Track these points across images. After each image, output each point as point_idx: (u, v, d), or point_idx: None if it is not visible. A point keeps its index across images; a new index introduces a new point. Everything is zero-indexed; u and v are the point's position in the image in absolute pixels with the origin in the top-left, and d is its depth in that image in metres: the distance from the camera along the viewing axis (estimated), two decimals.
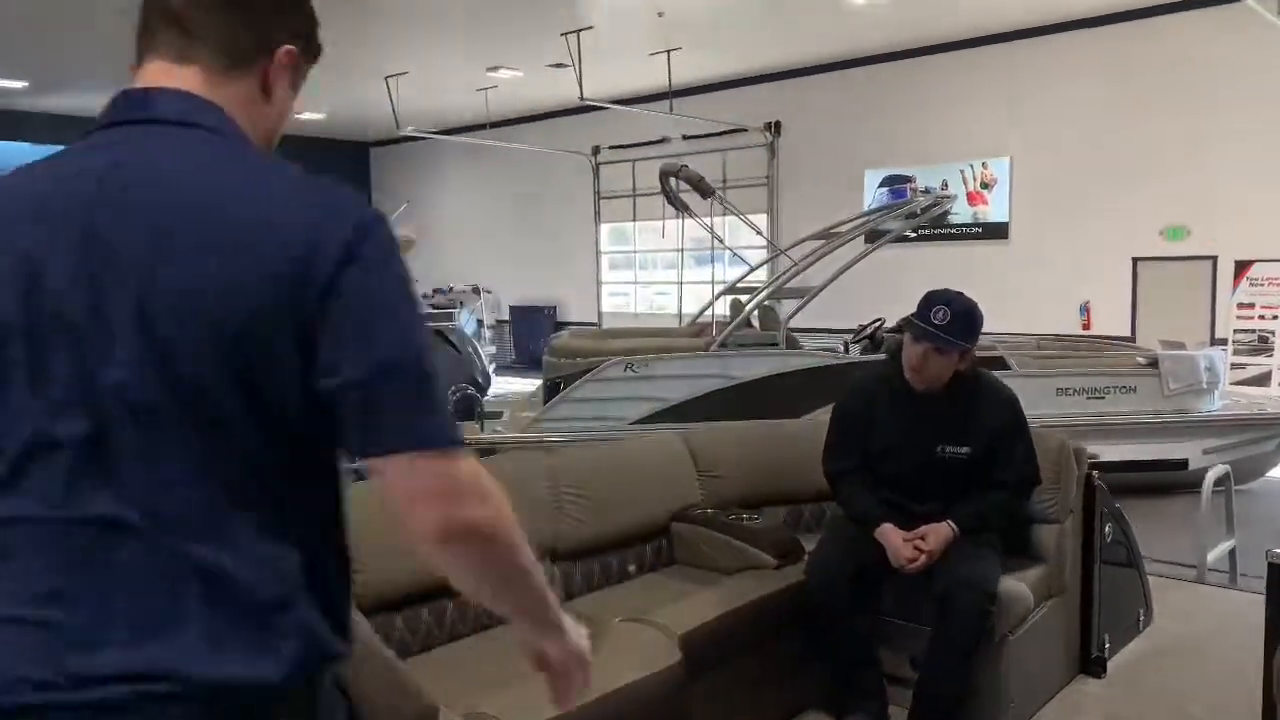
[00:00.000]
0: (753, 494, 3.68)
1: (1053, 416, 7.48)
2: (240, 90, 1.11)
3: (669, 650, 2.59)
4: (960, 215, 12.82)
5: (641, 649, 2.58)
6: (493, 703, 2.20)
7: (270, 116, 1.15)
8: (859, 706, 3.17)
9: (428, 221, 18.27)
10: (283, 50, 1.13)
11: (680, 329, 10.23)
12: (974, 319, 3.13)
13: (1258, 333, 11.47)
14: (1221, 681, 3.48)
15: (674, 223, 14.63)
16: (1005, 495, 3.17)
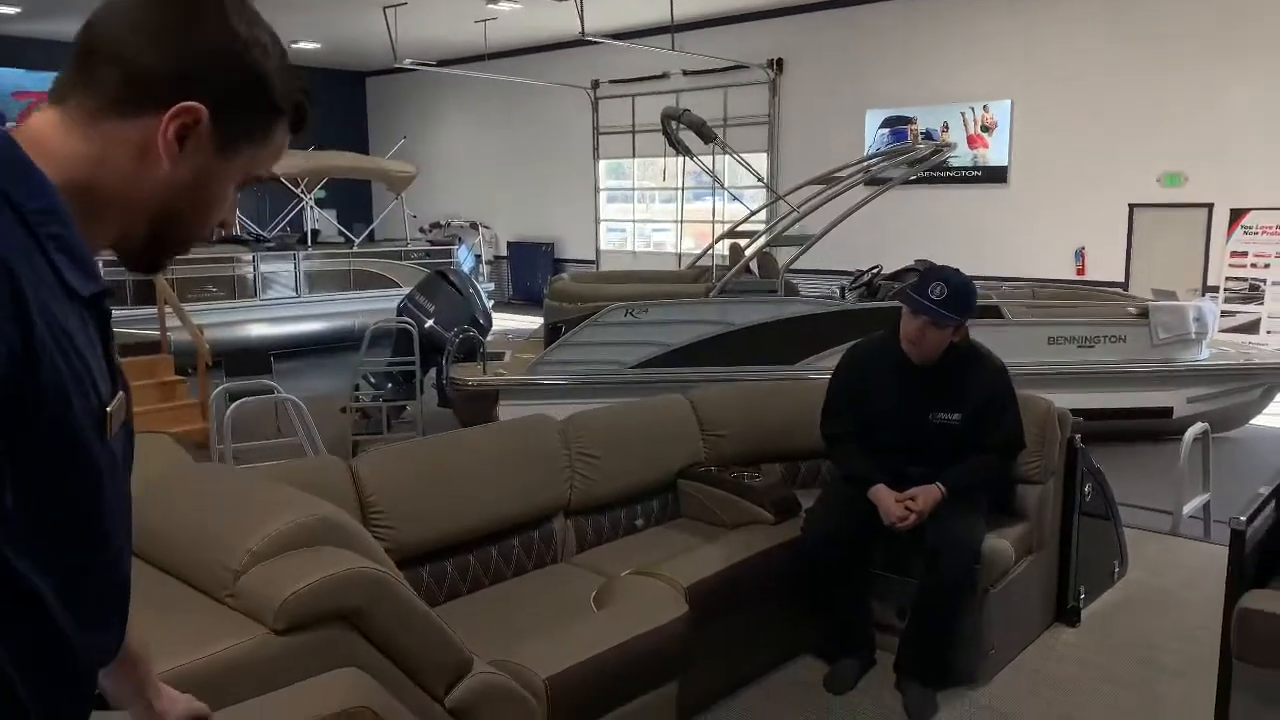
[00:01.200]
0: (753, 452, 3.87)
1: (1043, 364, 7.68)
2: (110, 139, 0.99)
3: (677, 602, 2.80)
4: (960, 158, 12.82)
5: (651, 602, 2.78)
6: (518, 651, 2.40)
7: (158, 183, 1.01)
8: (850, 652, 3.41)
9: (425, 156, 18.18)
10: (180, 107, 0.99)
11: (680, 272, 10.34)
12: (969, 295, 3.28)
13: (1249, 281, 11.61)
14: (1188, 631, 3.73)
15: (674, 162, 14.63)
16: (992, 459, 3.37)
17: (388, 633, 1.93)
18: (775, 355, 7.69)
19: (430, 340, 9.06)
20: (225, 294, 11.84)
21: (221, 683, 1.65)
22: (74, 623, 0.97)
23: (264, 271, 12.22)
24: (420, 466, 3.08)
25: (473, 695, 2.09)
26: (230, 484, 2.38)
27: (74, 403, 0.91)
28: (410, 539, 2.86)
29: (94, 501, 0.97)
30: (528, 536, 3.27)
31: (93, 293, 0.97)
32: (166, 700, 1.31)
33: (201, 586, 1.89)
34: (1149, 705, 3.23)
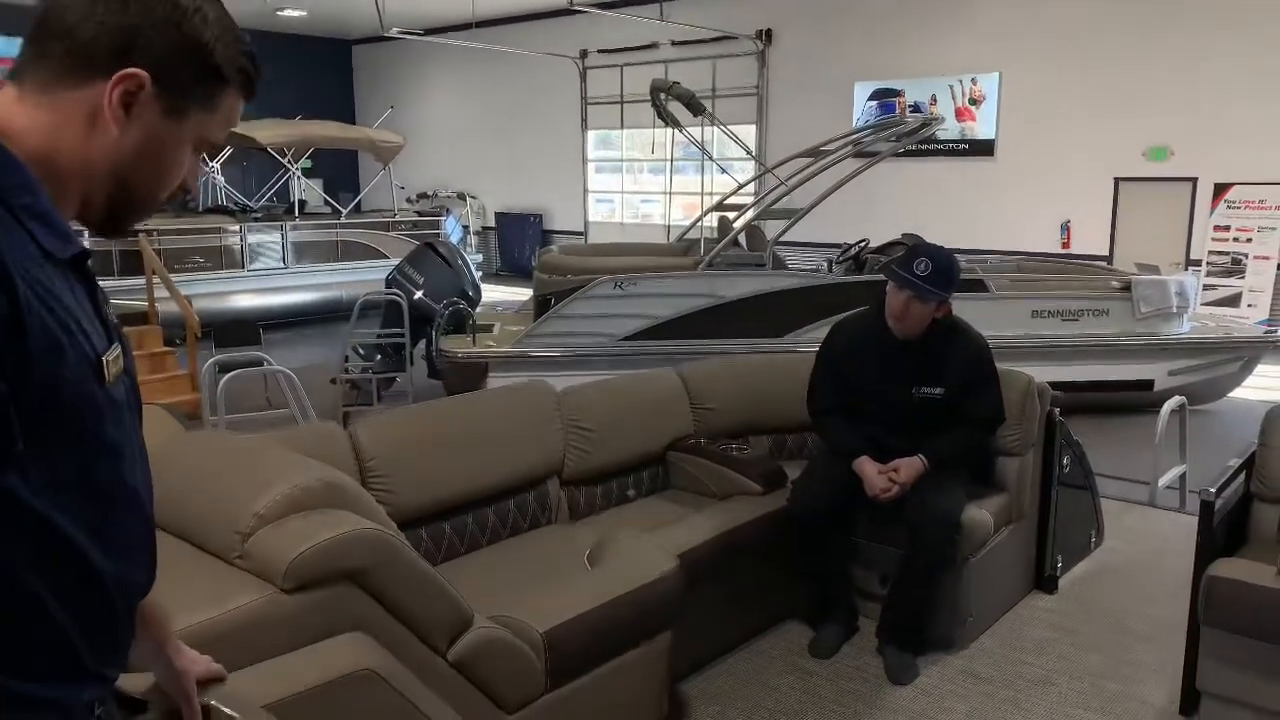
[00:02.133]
0: (741, 424, 3.95)
1: (1027, 338, 7.78)
2: (62, 109, 1.05)
3: (668, 558, 2.86)
4: (948, 131, 12.85)
5: (643, 558, 2.85)
6: (516, 606, 2.47)
7: (108, 148, 1.06)
8: (833, 618, 3.51)
9: (412, 126, 18.06)
10: (121, 74, 1.04)
11: (668, 245, 10.37)
12: (952, 272, 3.34)
13: (1231, 255, 11.73)
14: (1159, 598, 3.85)
15: (662, 134, 14.60)
16: (973, 432, 3.45)
17: (391, 591, 2.00)
18: (763, 328, 7.76)
19: (419, 312, 9.08)
20: (212, 265, 11.80)
21: (235, 639, 1.71)
22: (99, 552, 1.05)
23: (251, 242, 12.18)
24: (418, 431, 3.13)
25: (473, 649, 2.17)
26: (234, 450, 2.42)
27: (68, 353, 0.98)
28: (409, 502, 2.93)
29: (99, 441, 1.04)
30: (523, 499, 3.33)
31: (70, 255, 1.04)
32: (186, 659, 1.39)
33: (212, 549, 1.95)
34: (1121, 668, 3.35)
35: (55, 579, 1.02)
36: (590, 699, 2.53)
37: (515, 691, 2.30)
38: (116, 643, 1.13)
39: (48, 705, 1.04)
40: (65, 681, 1.05)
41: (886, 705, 3.11)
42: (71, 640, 1.04)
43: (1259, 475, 3.28)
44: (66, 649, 1.04)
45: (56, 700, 1.05)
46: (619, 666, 2.61)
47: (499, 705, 2.26)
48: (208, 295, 10.85)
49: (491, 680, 2.23)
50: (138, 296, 8.52)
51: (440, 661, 2.12)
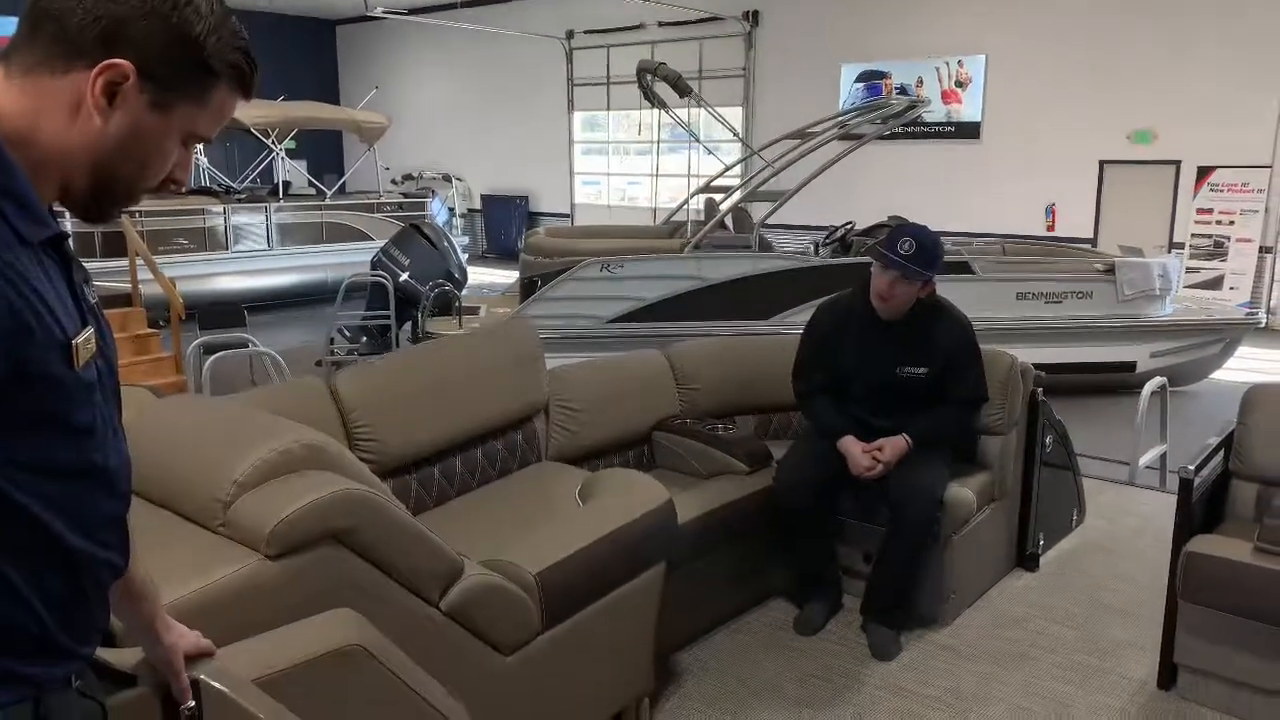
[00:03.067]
0: (727, 405, 3.96)
1: (1012, 320, 7.83)
2: (45, 94, 1.04)
3: (658, 491, 2.84)
4: (934, 114, 12.86)
5: (634, 492, 2.85)
6: (509, 549, 2.47)
7: (90, 137, 1.05)
8: (818, 595, 3.55)
9: (397, 107, 17.94)
10: (105, 64, 1.04)
11: (655, 227, 10.37)
12: (936, 252, 3.36)
13: (1214, 238, 11.82)
14: (1138, 575, 3.90)
15: (649, 115, 14.55)
16: (956, 411, 3.48)
17: (378, 548, 1.99)
18: (750, 310, 7.78)
19: (405, 294, 9.05)
20: (196, 246, 11.72)
21: (223, 609, 1.71)
22: (68, 529, 1.05)
23: (235, 223, 12.10)
24: (399, 378, 3.09)
25: (466, 597, 2.17)
26: (212, 414, 2.38)
27: (35, 335, 0.98)
28: (395, 450, 2.92)
29: (69, 422, 1.04)
30: (511, 438, 3.31)
31: (43, 238, 1.04)
32: (175, 634, 1.40)
33: (194, 518, 1.93)
34: (1100, 644, 3.40)
35: (22, 558, 1.02)
36: (587, 634, 2.53)
37: (511, 634, 2.30)
38: (90, 620, 1.14)
39: (21, 680, 1.05)
40: (38, 659, 1.06)
41: (870, 680, 3.15)
42: (42, 619, 1.05)
43: (1237, 454, 3.33)
44: (37, 627, 1.05)
45: (30, 676, 1.06)
46: (615, 600, 2.60)
47: (496, 649, 2.26)
48: (191, 277, 10.78)
49: (487, 625, 2.23)
50: (121, 278, 8.46)
51: (434, 611, 2.11)
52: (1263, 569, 2.80)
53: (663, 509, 2.77)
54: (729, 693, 3.07)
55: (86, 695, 1.17)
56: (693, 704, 3.00)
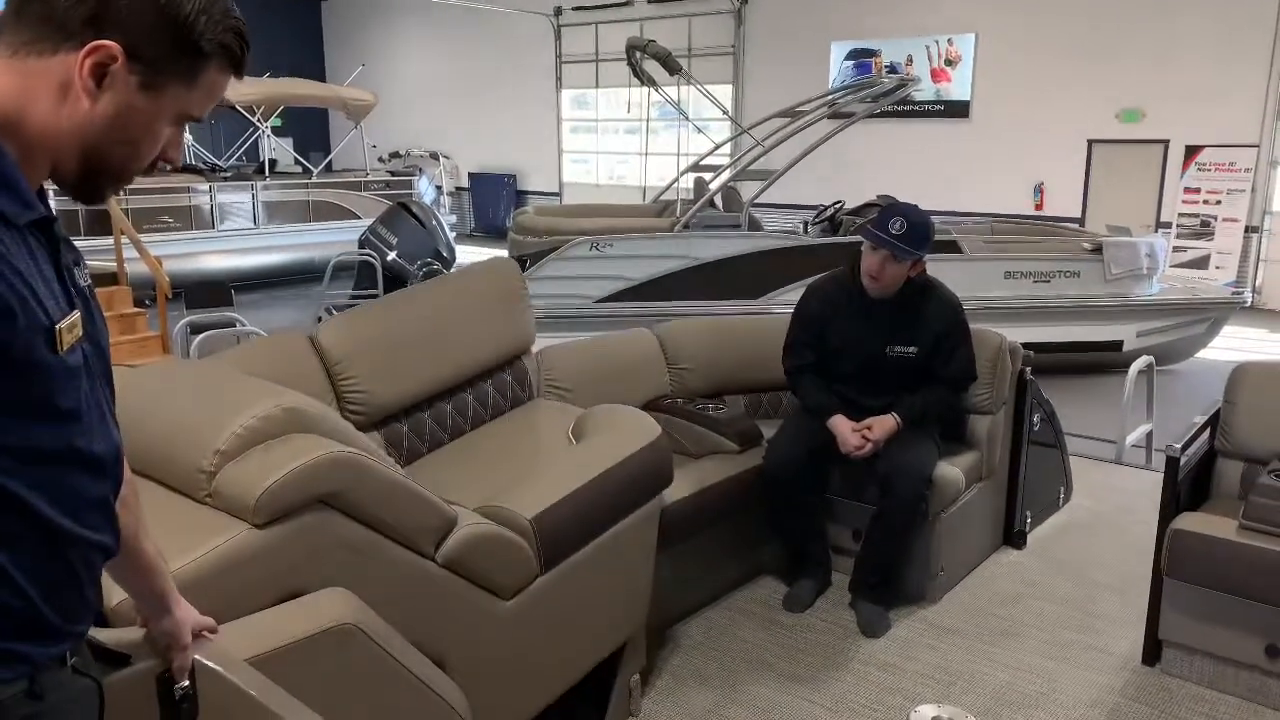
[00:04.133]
0: (717, 384, 3.97)
1: (1000, 299, 7.86)
2: (33, 75, 1.03)
3: (650, 427, 2.81)
4: (923, 93, 12.85)
5: (627, 428, 2.82)
6: (503, 494, 2.44)
7: (79, 119, 1.04)
8: (807, 573, 3.57)
9: (384, 84, 17.79)
10: (93, 45, 1.03)
11: (644, 206, 10.35)
12: (926, 231, 3.37)
13: (1201, 217, 11.87)
14: (1124, 552, 3.94)
15: (638, 93, 14.47)
16: (945, 390, 3.50)
17: (368, 508, 1.97)
18: (739, 289, 7.79)
19: (393, 273, 9.02)
20: (182, 225, 11.64)
21: (215, 581, 1.70)
22: (56, 512, 1.06)
23: (221, 202, 12.02)
24: (382, 327, 3.01)
25: (461, 547, 2.15)
26: (190, 380, 2.32)
27: (18, 319, 0.98)
28: (385, 399, 2.87)
29: (52, 407, 1.04)
30: (500, 378, 3.24)
31: (30, 220, 1.03)
32: (185, 609, 1.41)
33: (181, 489, 1.91)
34: (1086, 620, 3.44)
35: (10, 541, 1.02)
36: (587, 573, 2.52)
37: (510, 579, 2.29)
38: (83, 602, 1.14)
39: (15, 658, 1.05)
40: (30, 639, 1.07)
41: (859, 657, 3.18)
42: (32, 599, 1.05)
43: (1223, 432, 3.36)
44: (27, 608, 1.05)
45: (24, 655, 1.06)
46: (612, 536, 2.58)
47: (495, 594, 2.26)
48: (178, 256, 10.70)
49: (485, 573, 2.22)
50: (106, 257, 8.39)
51: (430, 564, 2.10)
52: (1247, 546, 2.84)
53: (655, 444, 2.72)
54: (719, 669, 3.10)
55: (82, 673, 1.18)
56: (683, 680, 3.02)
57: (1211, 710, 2.90)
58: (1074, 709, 2.90)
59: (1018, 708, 2.91)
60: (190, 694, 1.45)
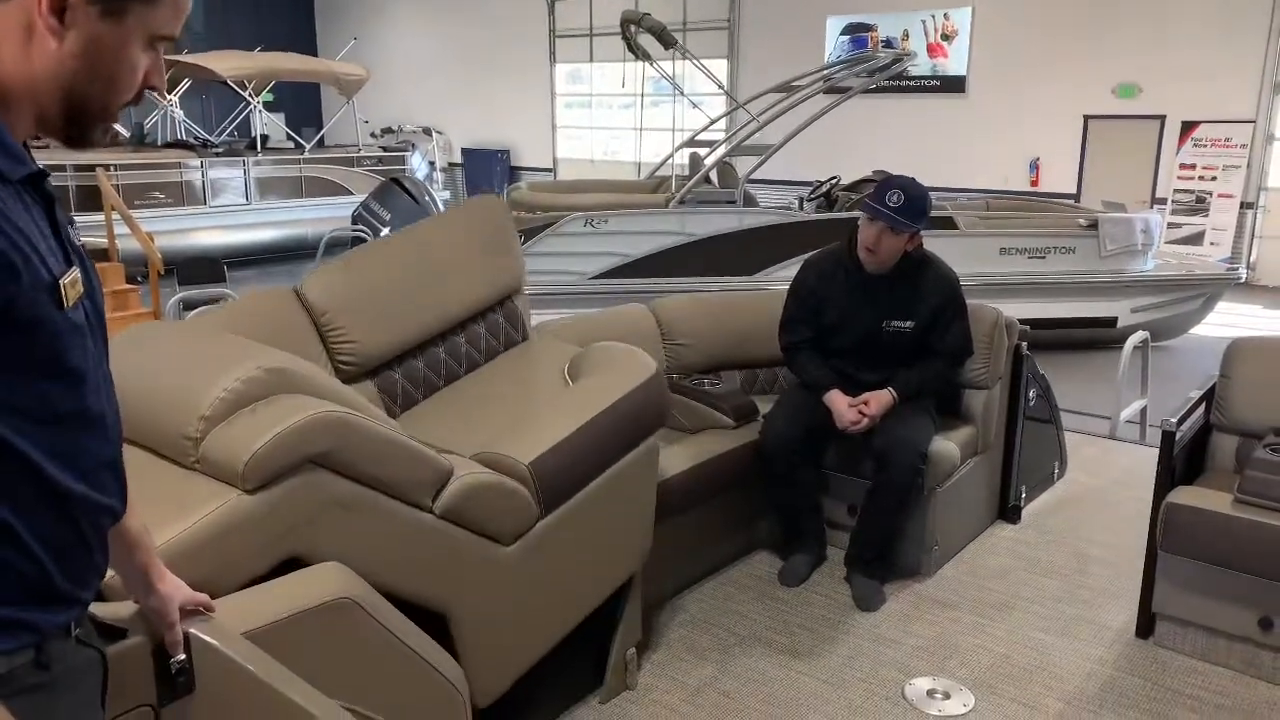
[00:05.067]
0: (714, 360, 3.96)
1: (995, 275, 7.86)
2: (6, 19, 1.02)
3: (646, 363, 2.76)
4: (919, 68, 12.78)
5: (622, 365, 2.77)
6: (500, 440, 2.41)
7: (50, 61, 1.03)
8: (802, 547, 3.58)
9: (376, 59, 17.63)
10: None
11: (639, 182, 10.29)
12: (924, 204, 3.35)
13: (1196, 193, 11.85)
14: (1118, 526, 3.96)
15: (633, 68, 14.37)
16: (941, 365, 3.49)
17: (359, 465, 1.95)
18: (735, 266, 7.76)
19: None
20: (173, 200, 11.55)
21: (209, 549, 1.69)
22: (65, 475, 1.05)
23: (212, 177, 11.93)
24: (368, 275, 2.94)
25: (459, 498, 2.14)
26: (174, 342, 2.27)
27: (22, 276, 0.97)
28: (375, 349, 2.82)
29: (60, 365, 1.03)
30: (492, 320, 3.18)
31: (24, 175, 1.02)
32: (171, 585, 1.39)
33: (170, 455, 1.89)
34: (1080, 593, 3.45)
35: (22, 504, 1.02)
36: (588, 513, 2.50)
37: (510, 526, 2.28)
38: (91, 565, 1.14)
39: (23, 628, 1.04)
40: (39, 605, 1.06)
41: (854, 631, 3.19)
42: (44, 565, 1.04)
43: (1219, 407, 3.36)
44: (39, 573, 1.05)
45: (32, 623, 1.05)
46: (612, 476, 2.56)
47: (496, 540, 2.25)
48: (170, 232, 10.64)
49: (484, 521, 2.21)
50: (97, 233, 8.33)
51: (427, 517, 2.09)
52: (1241, 519, 2.85)
53: (652, 381, 2.68)
54: (715, 643, 3.11)
55: (86, 644, 1.17)
56: (679, 654, 3.03)
57: (1204, 682, 2.92)
58: (1068, 681, 2.92)
59: (1012, 680, 2.92)
60: (186, 668, 1.45)
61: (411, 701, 1.97)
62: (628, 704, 2.77)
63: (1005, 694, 2.85)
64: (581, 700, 2.77)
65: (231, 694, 1.54)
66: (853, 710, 2.77)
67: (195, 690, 1.48)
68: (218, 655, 1.51)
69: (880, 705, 2.79)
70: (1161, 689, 2.89)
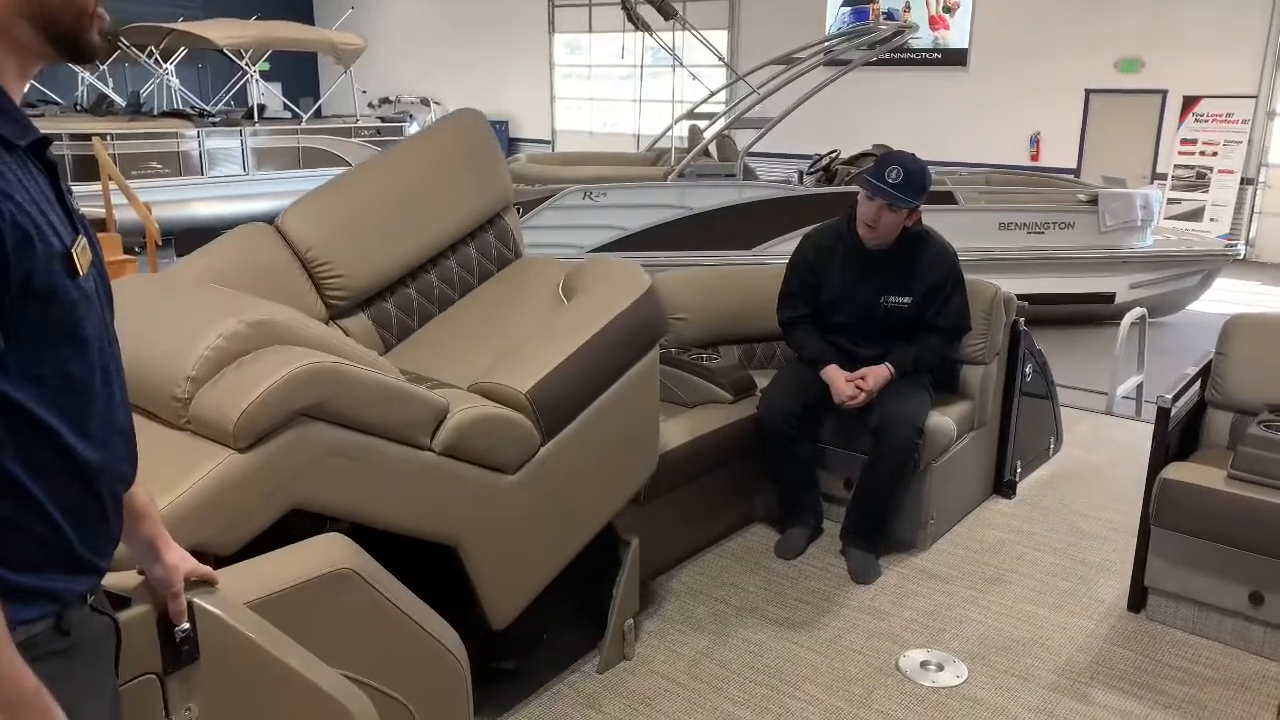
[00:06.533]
0: (712, 334, 3.97)
1: (994, 250, 7.85)
2: None
3: (641, 277, 2.73)
4: (921, 40, 12.68)
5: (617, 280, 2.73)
6: (498, 368, 2.39)
7: None
8: (799, 520, 3.61)
9: (374, 28, 17.47)
10: None
11: (638, 155, 10.24)
12: (923, 180, 3.34)
13: (1196, 169, 11.81)
14: (1112, 502, 3.99)
15: (632, 38, 14.25)
16: (938, 340, 3.50)
17: (352, 412, 1.94)
18: (734, 240, 7.75)
19: None
20: (170, 171, 11.48)
21: (209, 510, 1.70)
22: (83, 442, 1.06)
23: (209, 148, 11.84)
24: (350, 205, 2.85)
25: (457, 434, 2.13)
26: (155, 297, 2.21)
27: (37, 247, 0.97)
28: (364, 281, 2.77)
29: (75, 333, 1.04)
30: (483, 240, 3.09)
31: (30, 141, 1.02)
32: (176, 555, 1.41)
33: (163, 418, 1.88)
34: (1074, 568, 3.49)
35: (44, 472, 1.03)
36: (592, 433, 2.48)
37: (511, 455, 2.26)
38: (107, 533, 1.16)
39: (46, 596, 1.06)
40: (61, 572, 1.08)
41: (850, 603, 3.23)
42: (64, 532, 1.06)
43: (1214, 383, 3.38)
44: (60, 540, 1.06)
45: (54, 591, 1.07)
46: (614, 394, 2.53)
47: (500, 470, 2.25)
48: (167, 202, 10.57)
49: (485, 453, 2.20)
50: (94, 204, 8.29)
51: (427, 455, 2.09)
52: (1234, 495, 2.87)
53: (647, 295, 2.64)
54: (712, 615, 3.14)
55: (100, 611, 1.19)
56: (676, 626, 3.07)
57: (1195, 654, 2.96)
58: (1060, 653, 2.96)
59: (1005, 652, 2.96)
60: (190, 636, 1.46)
61: (411, 670, 1.99)
62: (625, 674, 2.80)
63: (998, 665, 2.89)
64: (579, 669, 2.80)
65: (234, 662, 1.56)
66: (847, 681, 2.80)
67: (199, 659, 1.50)
68: (221, 624, 1.53)
69: (874, 676, 2.83)
70: (1153, 661, 2.92)
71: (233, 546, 1.77)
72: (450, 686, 2.07)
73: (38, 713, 0.98)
